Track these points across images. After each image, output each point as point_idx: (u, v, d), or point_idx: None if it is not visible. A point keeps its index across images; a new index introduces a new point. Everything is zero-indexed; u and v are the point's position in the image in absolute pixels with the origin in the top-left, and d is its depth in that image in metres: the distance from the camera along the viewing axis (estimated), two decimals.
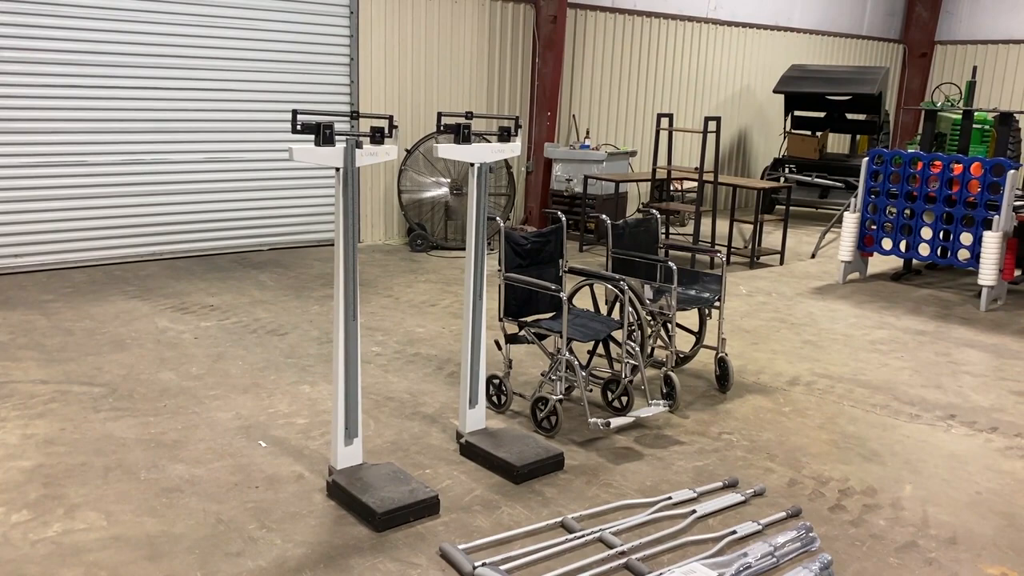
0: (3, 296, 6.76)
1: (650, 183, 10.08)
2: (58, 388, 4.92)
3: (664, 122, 11.02)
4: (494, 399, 4.82)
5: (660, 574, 3.18)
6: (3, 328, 5.96)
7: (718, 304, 5.23)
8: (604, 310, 5.28)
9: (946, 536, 3.64)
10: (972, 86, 10.32)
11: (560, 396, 4.52)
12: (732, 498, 3.85)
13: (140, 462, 4.04)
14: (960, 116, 10.57)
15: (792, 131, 12.81)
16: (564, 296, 4.38)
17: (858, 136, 13.28)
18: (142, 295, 6.95)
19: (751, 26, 13.05)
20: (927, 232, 8.01)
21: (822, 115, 12.84)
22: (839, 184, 11.99)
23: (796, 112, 12.91)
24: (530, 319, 4.68)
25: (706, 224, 10.52)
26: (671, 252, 8.91)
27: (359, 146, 3.50)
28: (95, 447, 4.17)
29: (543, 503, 3.79)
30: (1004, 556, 3.51)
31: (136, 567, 3.19)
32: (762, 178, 12.80)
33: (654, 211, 5.54)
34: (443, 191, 9.56)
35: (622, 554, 3.35)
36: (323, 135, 3.41)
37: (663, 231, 9.61)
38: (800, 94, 12.32)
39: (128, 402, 4.75)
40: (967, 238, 7.70)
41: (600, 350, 5.22)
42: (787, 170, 12.41)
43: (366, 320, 6.49)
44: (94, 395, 4.83)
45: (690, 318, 6.21)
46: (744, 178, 12.75)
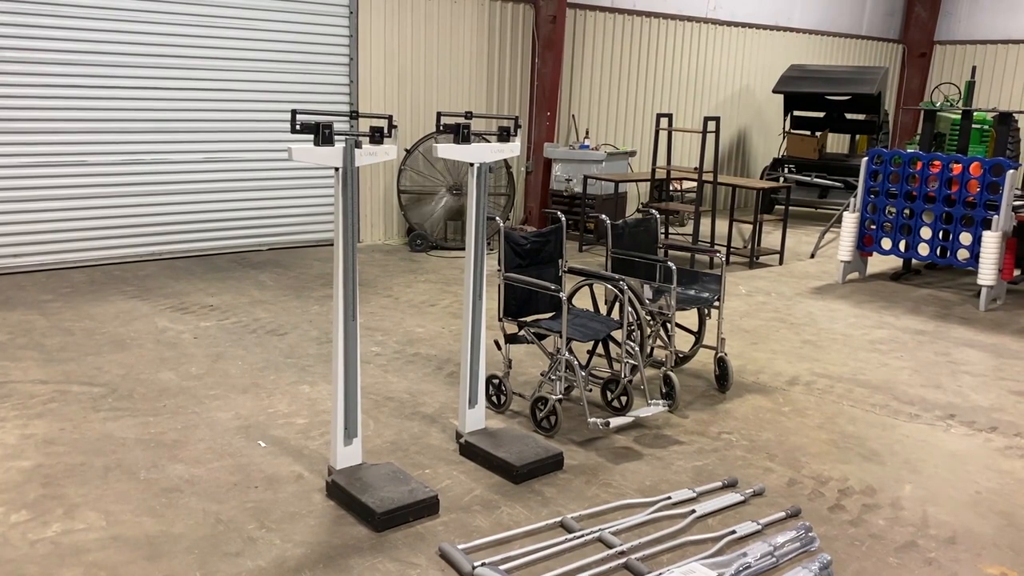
0: (2, 296, 6.76)
1: (649, 183, 10.08)
2: (57, 388, 4.91)
3: (663, 122, 11.01)
4: (494, 399, 4.82)
5: (659, 574, 3.18)
6: (2, 328, 5.95)
7: (717, 304, 5.23)
8: (604, 310, 5.29)
9: (946, 536, 3.64)
10: (971, 86, 10.33)
11: (559, 396, 4.52)
12: (731, 498, 3.85)
13: (139, 462, 4.04)
14: (959, 116, 10.58)
15: (791, 131, 12.81)
16: (564, 296, 4.38)
17: (857, 136, 13.28)
18: (141, 295, 6.94)
19: (750, 26, 13.05)
20: (926, 232, 8.01)
21: (821, 115, 12.84)
22: (838, 184, 11.99)
23: (795, 112, 12.91)
24: (530, 319, 4.68)
25: (705, 224, 10.52)
26: (670, 252, 8.91)
27: (358, 146, 3.49)
28: (94, 447, 4.17)
29: (542, 503, 3.79)
30: (1004, 556, 3.51)
31: (135, 567, 3.19)
32: (761, 178, 12.81)
33: (653, 211, 5.54)
34: (443, 191, 9.55)
35: (621, 554, 3.35)
36: (322, 135, 3.41)
37: (662, 231, 9.62)
38: (799, 94, 12.33)
39: (128, 402, 4.75)
40: (966, 238, 7.70)
41: (600, 350, 5.22)
42: (786, 170, 12.42)
43: (366, 320, 6.49)
44: (93, 395, 4.83)
45: (689, 318, 6.21)
46: (743, 178, 12.75)
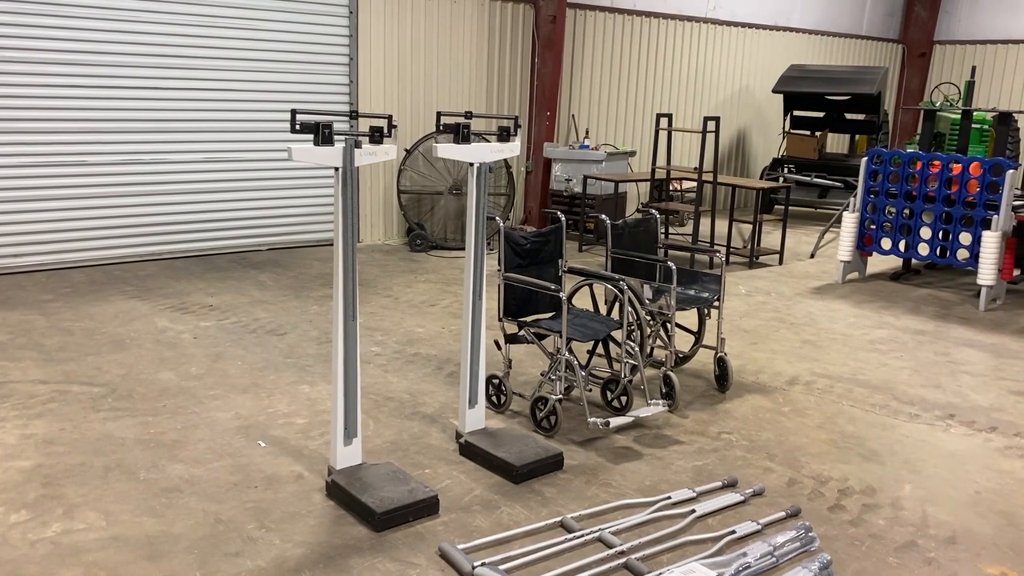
0: (2, 296, 6.76)
1: (649, 183, 10.08)
2: (57, 388, 4.91)
3: (663, 122, 11.01)
4: (493, 399, 4.82)
5: (659, 574, 3.18)
6: (2, 328, 5.95)
7: (717, 304, 5.23)
8: (603, 310, 5.29)
9: (945, 536, 3.64)
10: (971, 86, 10.33)
11: (559, 396, 4.52)
12: (731, 498, 3.85)
13: (139, 462, 4.03)
14: (959, 116, 10.58)
15: (791, 131, 12.81)
16: (563, 296, 4.38)
17: (857, 136, 13.28)
18: (141, 295, 6.94)
19: (750, 26, 13.05)
20: (926, 232, 8.01)
21: (821, 115, 12.84)
22: (838, 184, 12.00)
23: (795, 112, 12.91)
24: (530, 319, 4.68)
25: (705, 224, 10.52)
26: (670, 252, 8.91)
27: (358, 146, 3.49)
28: (94, 447, 4.17)
29: (542, 503, 3.79)
30: (1003, 555, 3.51)
31: (135, 567, 3.19)
32: (761, 178, 12.81)
33: (653, 211, 5.54)
34: (443, 191, 9.55)
35: (621, 554, 3.35)
36: (322, 135, 3.41)
37: (662, 231, 9.62)
38: (799, 94, 12.33)
39: (127, 402, 4.75)
40: (966, 238, 7.71)
41: (599, 350, 5.22)
42: (786, 170, 12.42)
43: (365, 320, 6.49)
44: (93, 395, 4.83)
45: (689, 318, 6.21)
46: (743, 178, 12.75)
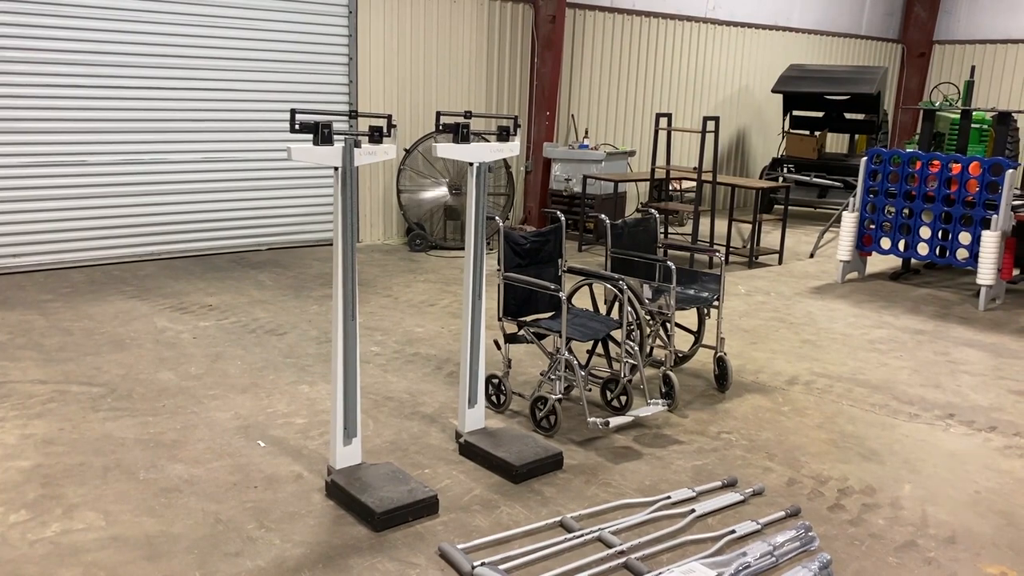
0: (2, 296, 6.76)
1: (649, 183, 10.08)
2: (57, 388, 4.91)
3: (663, 122, 11.01)
4: (493, 399, 4.82)
5: (659, 573, 3.18)
6: (2, 328, 5.95)
7: (717, 303, 5.23)
8: (603, 310, 5.28)
9: (945, 535, 3.64)
10: (970, 86, 10.33)
11: (559, 396, 4.52)
12: (731, 497, 3.85)
13: (139, 462, 4.03)
14: (958, 116, 10.58)
15: (791, 131, 12.82)
16: (563, 296, 4.38)
17: (856, 136, 13.28)
18: (141, 295, 6.94)
19: (750, 26, 13.05)
20: (925, 231, 8.01)
21: (821, 115, 12.85)
22: (838, 184, 12.00)
23: (795, 112, 12.91)
24: (529, 319, 4.68)
25: (705, 224, 10.52)
26: (670, 252, 8.91)
27: (357, 145, 3.49)
28: (94, 447, 4.17)
29: (542, 502, 3.78)
30: (1003, 555, 3.51)
31: (135, 567, 3.18)
32: (761, 178, 12.81)
33: (653, 211, 5.54)
34: (442, 191, 9.56)
35: (621, 553, 3.35)
36: (321, 134, 3.40)
37: (662, 231, 9.62)
38: (799, 94, 12.33)
39: (127, 402, 4.75)
40: (965, 237, 7.70)
41: (599, 349, 5.22)
42: (786, 170, 12.42)
43: (365, 320, 6.49)
44: (93, 395, 4.83)
45: (689, 317, 6.21)
46: (743, 178, 12.75)
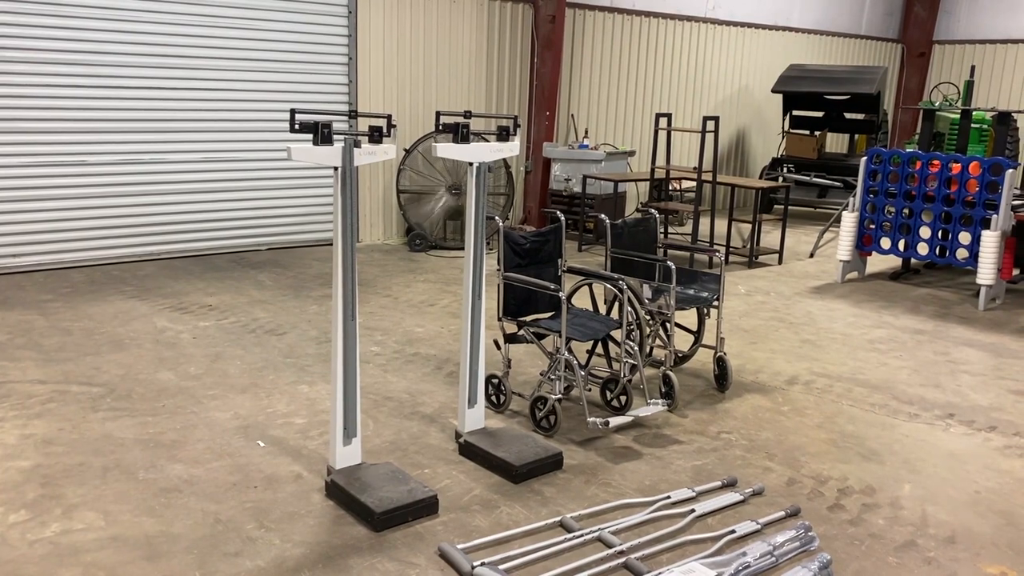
0: (1, 296, 6.75)
1: (649, 183, 10.08)
2: (56, 388, 4.91)
3: (663, 122, 11.01)
4: (493, 399, 4.82)
5: (659, 573, 3.17)
6: (1, 328, 5.95)
7: (717, 303, 5.23)
8: (603, 309, 5.28)
9: (945, 535, 3.64)
10: (970, 85, 10.33)
11: (559, 395, 4.51)
12: (731, 497, 3.85)
13: (138, 462, 4.03)
14: (958, 115, 10.58)
15: (790, 131, 12.81)
16: (563, 295, 4.38)
17: (856, 135, 13.28)
18: (140, 295, 6.94)
19: (749, 26, 13.05)
20: (925, 231, 8.01)
21: (820, 115, 12.84)
22: (837, 184, 12.00)
23: (794, 112, 12.91)
24: (529, 319, 4.68)
25: (705, 224, 10.52)
26: (670, 251, 8.91)
27: (357, 145, 3.49)
28: (93, 447, 4.17)
29: (542, 502, 3.78)
30: (1003, 555, 3.51)
31: (134, 567, 3.18)
32: (760, 178, 12.81)
33: (653, 211, 5.54)
34: (442, 191, 9.55)
35: (621, 553, 3.35)
36: (321, 134, 3.40)
37: (662, 231, 9.62)
38: (798, 94, 12.33)
39: (126, 402, 4.75)
40: (965, 237, 7.70)
41: (599, 349, 5.22)
42: (785, 169, 12.42)
43: (365, 320, 6.49)
44: (92, 395, 4.83)
45: (689, 317, 6.21)
46: (743, 178, 12.75)
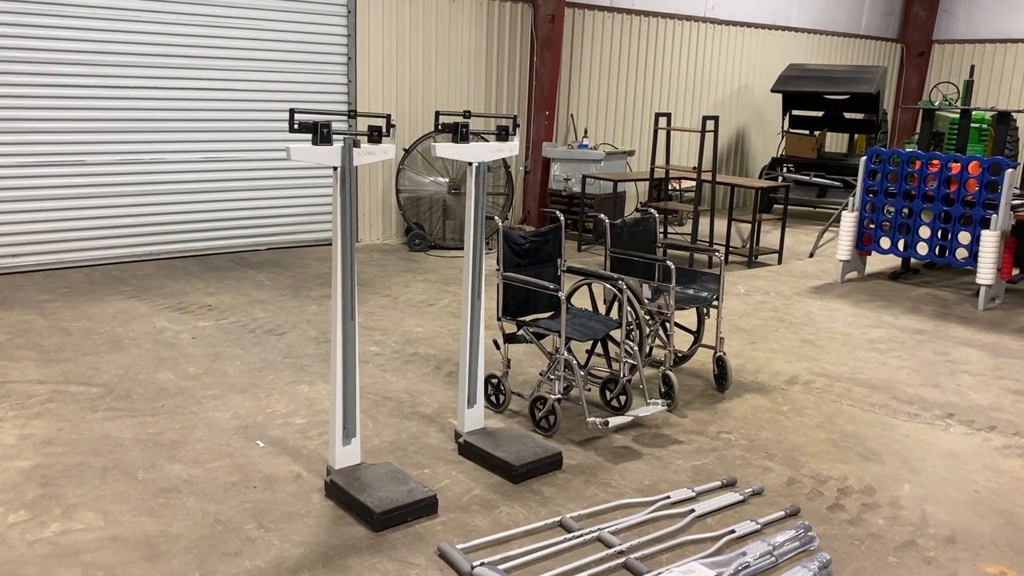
0: (0, 296, 6.75)
1: (648, 182, 10.08)
2: (55, 388, 4.91)
3: (662, 121, 11.01)
4: (492, 399, 4.82)
5: (659, 573, 3.17)
6: (0, 328, 5.95)
7: (716, 303, 5.23)
8: (602, 309, 5.28)
9: (945, 535, 3.64)
10: (970, 85, 10.33)
11: (558, 395, 4.51)
12: (731, 497, 3.84)
13: (138, 462, 4.03)
14: (958, 115, 10.58)
15: (790, 130, 12.81)
16: (562, 295, 4.38)
17: (856, 135, 13.28)
18: (139, 295, 6.94)
19: (749, 25, 13.05)
20: (925, 231, 8.01)
21: (820, 114, 12.84)
22: (837, 183, 12.00)
23: (794, 111, 12.91)
24: (528, 318, 4.68)
25: (704, 223, 10.52)
26: (669, 251, 8.91)
27: (356, 145, 3.49)
28: (93, 447, 4.17)
29: (541, 502, 3.78)
30: (1003, 555, 3.51)
31: (134, 567, 3.18)
32: (760, 177, 12.81)
33: (652, 210, 5.54)
34: (441, 190, 9.55)
35: (620, 553, 3.34)
36: (320, 134, 3.40)
37: (661, 230, 9.61)
38: (798, 93, 12.33)
39: (126, 402, 4.74)
40: (965, 237, 7.70)
41: (599, 349, 5.22)
42: (785, 169, 12.42)
43: (364, 320, 6.49)
44: (91, 395, 4.82)
45: (688, 317, 6.21)
46: (742, 177, 12.75)
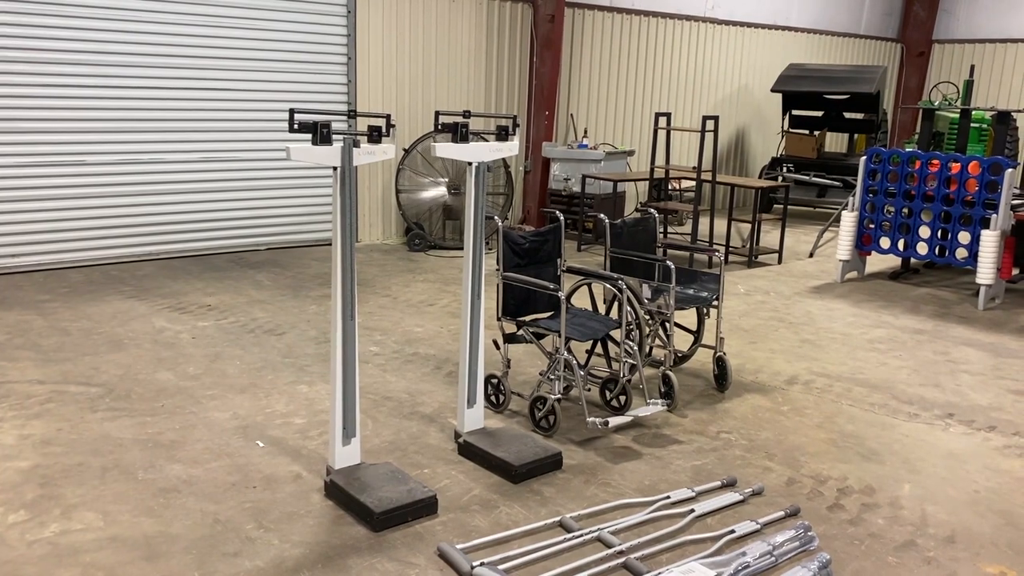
0: (0, 296, 6.75)
1: (648, 182, 10.07)
2: (55, 388, 4.90)
3: (662, 121, 11.01)
4: (492, 398, 4.82)
5: (658, 573, 3.17)
6: (0, 328, 5.94)
7: (716, 303, 5.23)
8: (602, 309, 5.28)
9: (944, 535, 3.64)
10: (969, 85, 10.33)
11: (558, 395, 4.51)
12: (730, 497, 3.84)
13: (137, 462, 4.03)
14: (958, 115, 10.58)
15: (790, 130, 12.81)
16: (562, 295, 4.38)
17: (856, 135, 13.28)
18: (139, 295, 6.93)
19: (749, 25, 13.05)
20: (925, 231, 8.01)
21: (820, 114, 12.84)
22: (837, 183, 12.00)
23: (794, 111, 12.91)
24: (528, 318, 4.68)
25: (704, 223, 10.52)
26: (669, 251, 8.91)
27: (356, 145, 3.49)
28: (92, 447, 4.16)
29: (541, 502, 3.78)
30: (1002, 555, 3.51)
31: (133, 567, 3.18)
32: (760, 177, 12.81)
33: (652, 210, 5.54)
34: (441, 190, 9.55)
35: (620, 553, 3.34)
36: (320, 134, 3.40)
37: (661, 230, 9.61)
38: (798, 93, 12.33)
39: (125, 402, 4.74)
40: (965, 237, 7.70)
41: (598, 349, 5.22)
42: (785, 169, 12.42)
43: (364, 320, 6.49)
44: (91, 395, 4.82)
45: (688, 317, 6.21)
46: (742, 177, 12.75)
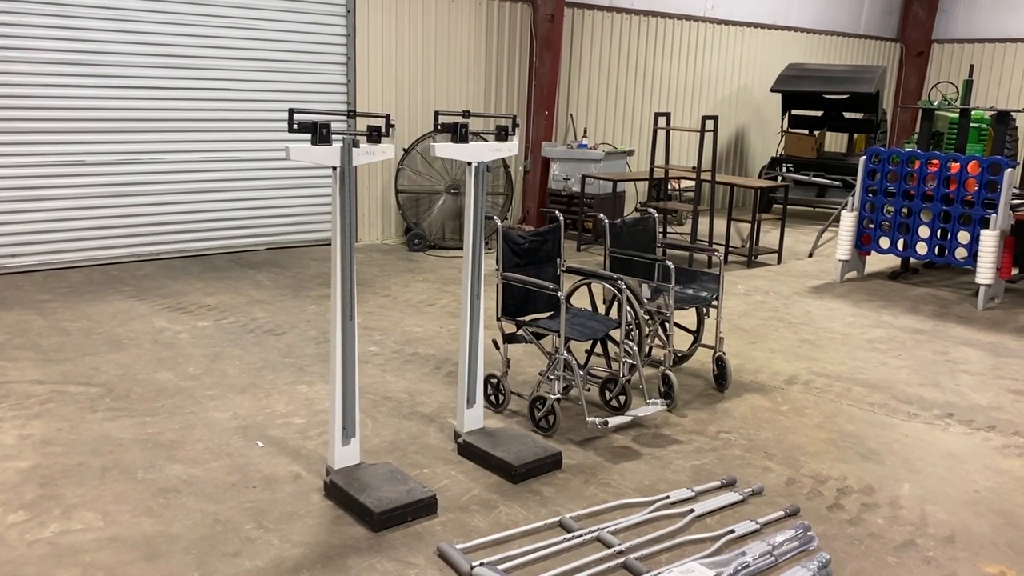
0: (0, 296, 6.75)
1: (648, 182, 10.07)
2: (55, 388, 4.90)
3: (662, 121, 11.01)
4: (492, 398, 4.82)
5: (658, 573, 3.17)
6: (0, 328, 5.94)
7: (716, 303, 5.23)
8: (602, 309, 5.28)
9: (944, 535, 3.64)
10: (969, 85, 10.33)
11: (558, 395, 4.51)
12: (730, 497, 3.84)
13: (137, 462, 4.03)
14: (957, 115, 10.58)
15: (789, 130, 12.82)
16: (562, 295, 4.38)
17: (855, 135, 13.28)
18: (139, 295, 6.93)
19: (748, 25, 13.05)
20: (924, 231, 8.01)
21: (819, 114, 12.84)
22: (836, 183, 12.00)
23: (793, 111, 12.91)
24: (528, 318, 4.68)
25: (704, 223, 10.52)
26: (669, 251, 8.91)
27: (356, 145, 3.49)
28: (92, 447, 4.17)
29: (541, 502, 3.78)
30: (1002, 554, 3.51)
31: (133, 567, 3.18)
32: (760, 177, 12.81)
33: (652, 210, 5.54)
34: (441, 190, 9.55)
35: (620, 553, 3.34)
36: (320, 134, 3.40)
37: (661, 230, 9.62)
38: (797, 93, 12.33)
39: (125, 402, 4.74)
40: (964, 237, 7.70)
41: (598, 349, 5.22)
42: (784, 169, 12.42)
43: (364, 320, 6.49)
44: (91, 395, 4.82)
45: (688, 317, 6.21)
46: (742, 177, 12.75)
